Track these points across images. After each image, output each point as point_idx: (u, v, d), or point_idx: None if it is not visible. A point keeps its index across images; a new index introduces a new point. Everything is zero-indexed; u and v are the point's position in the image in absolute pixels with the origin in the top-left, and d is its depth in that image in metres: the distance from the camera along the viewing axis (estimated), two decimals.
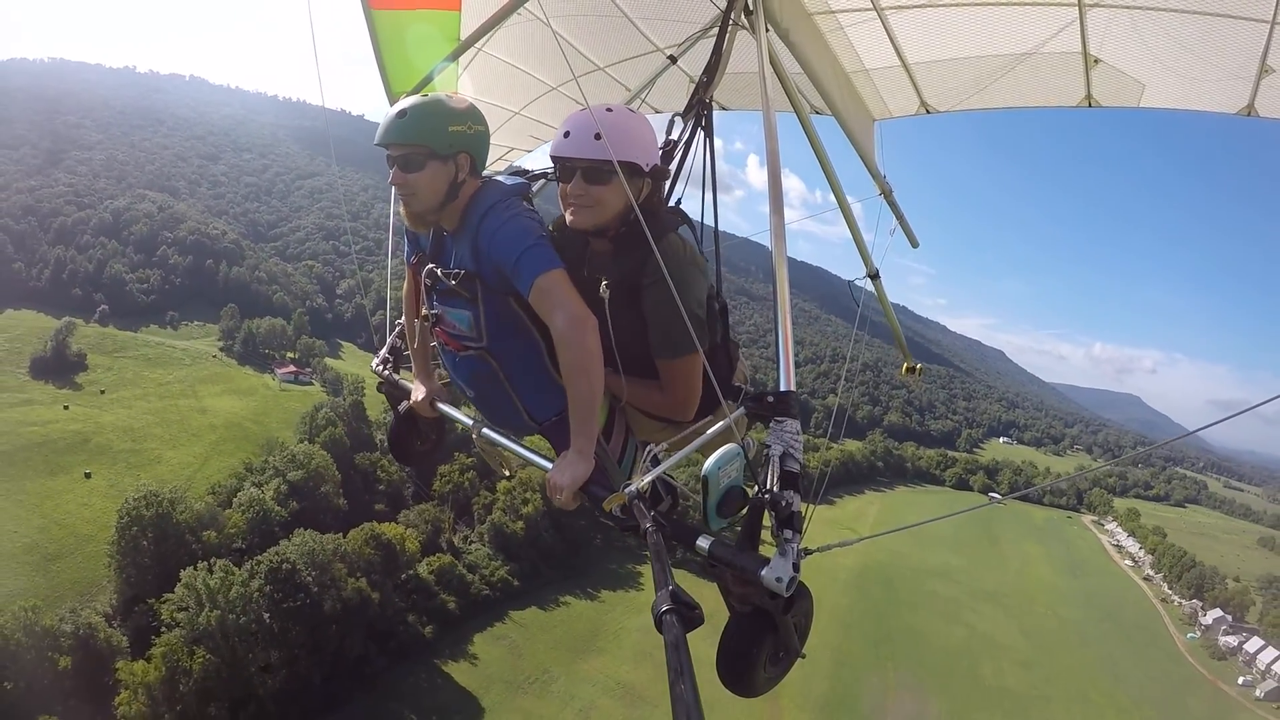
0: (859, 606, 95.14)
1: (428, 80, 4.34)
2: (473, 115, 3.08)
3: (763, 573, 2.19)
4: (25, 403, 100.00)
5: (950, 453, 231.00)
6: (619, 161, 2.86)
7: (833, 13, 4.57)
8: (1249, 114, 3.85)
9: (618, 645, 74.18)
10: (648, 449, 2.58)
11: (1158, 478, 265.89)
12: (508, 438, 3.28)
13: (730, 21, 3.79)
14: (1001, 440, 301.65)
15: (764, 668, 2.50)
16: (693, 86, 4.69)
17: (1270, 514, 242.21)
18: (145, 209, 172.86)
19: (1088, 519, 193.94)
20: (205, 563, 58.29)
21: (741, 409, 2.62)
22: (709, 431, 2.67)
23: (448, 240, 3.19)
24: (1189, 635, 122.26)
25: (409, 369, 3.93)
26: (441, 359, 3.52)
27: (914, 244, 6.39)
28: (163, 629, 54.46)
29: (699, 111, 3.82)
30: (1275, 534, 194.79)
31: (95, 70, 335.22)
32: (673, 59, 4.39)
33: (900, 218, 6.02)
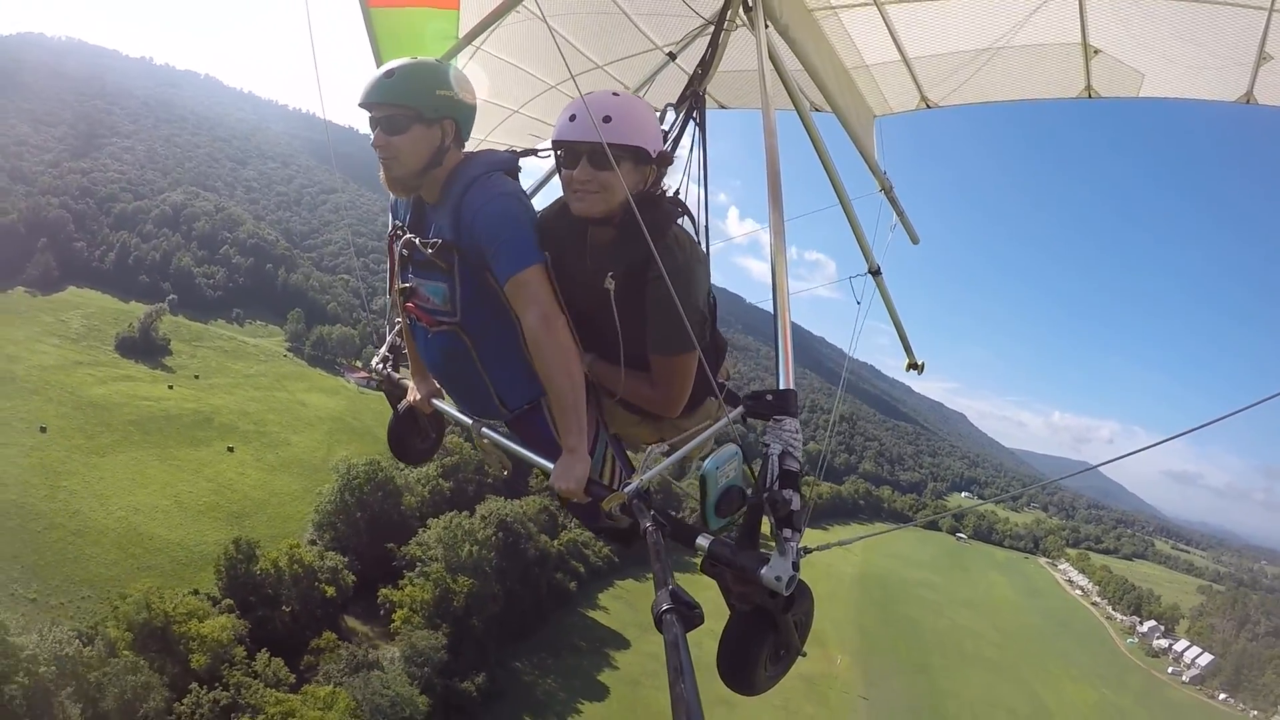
0: (865, 599, 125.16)
1: None
2: (461, 83, 3.16)
3: (762, 571, 2.28)
4: (126, 378, 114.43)
5: (920, 497, 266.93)
6: (627, 146, 2.96)
7: (832, 8, 4.83)
8: (1247, 101, 4.00)
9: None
10: (648, 449, 2.70)
11: (1108, 534, 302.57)
12: (508, 438, 3.40)
13: (728, 18, 3.98)
14: (963, 494, 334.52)
15: (765, 666, 2.61)
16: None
17: (1211, 570, 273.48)
18: (203, 207, 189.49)
19: (1042, 560, 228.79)
20: (451, 513, 77.85)
21: (741, 408, 2.68)
22: (707, 431, 2.82)
23: (428, 211, 3.26)
24: (1129, 640, 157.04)
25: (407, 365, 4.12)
26: (414, 340, 3.61)
27: (914, 240, 6.63)
28: (417, 563, 73.32)
29: (691, 104, 4.01)
30: (1213, 585, 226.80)
31: (113, 57, 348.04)
32: (671, 56, 4.53)
33: (901, 214, 6.26)
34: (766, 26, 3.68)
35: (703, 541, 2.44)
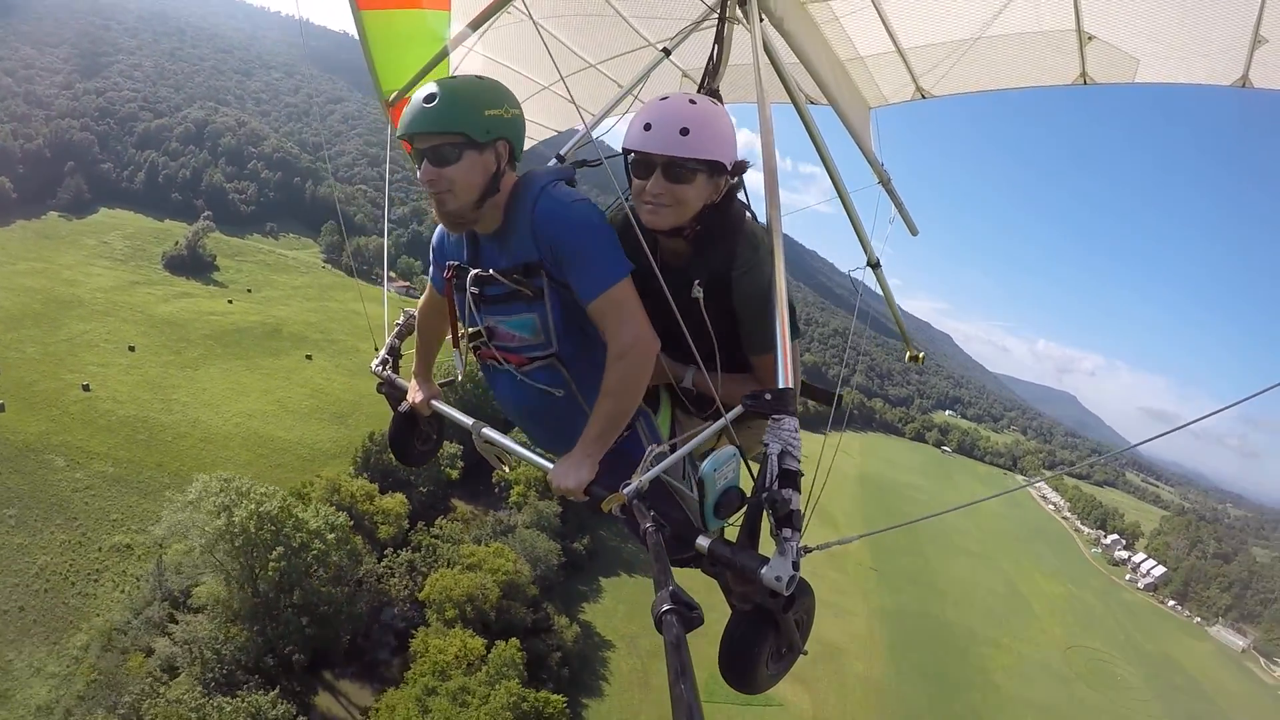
0: (865, 494, 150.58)
1: (417, 79, 4.78)
2: (509, 98, 3.01)
3: (762, 571, 2.33)
4: (185, 295, 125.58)
5: (908, 411, 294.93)
6: (705, 159, 2.99)
7: (825, 0, 4.90)
8: (1243, 85, 4.08)
9: None
10: (649, 449, 2.72)
11: (1082, 460, 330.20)
12: (507, 436, 3.47)
13: (726, 13, 4.04)
14: (947, 413, 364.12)
15: (766, 665, 2.71)
16: (684, 80, 5.52)
17: (1177, 505, 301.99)
18: (225, 122, 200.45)
19: (1020, 478, 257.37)
20: None
21: (739, 408, 2.70)
22: (707, 431, 2.84)
23: (486, 245, 3.14)
24: (1093, 550, 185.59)
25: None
26: (493, 387, 3.52)
27: (913, 232, 6.78)
28: (503, 470, 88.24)
29: None
30: (1177, 517, 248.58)
31: None
32: (666, 52, 4.57)
33: (899, 206, 6.37)
34: (761, 20, 3.73)
35: (703, 542, 2.51)
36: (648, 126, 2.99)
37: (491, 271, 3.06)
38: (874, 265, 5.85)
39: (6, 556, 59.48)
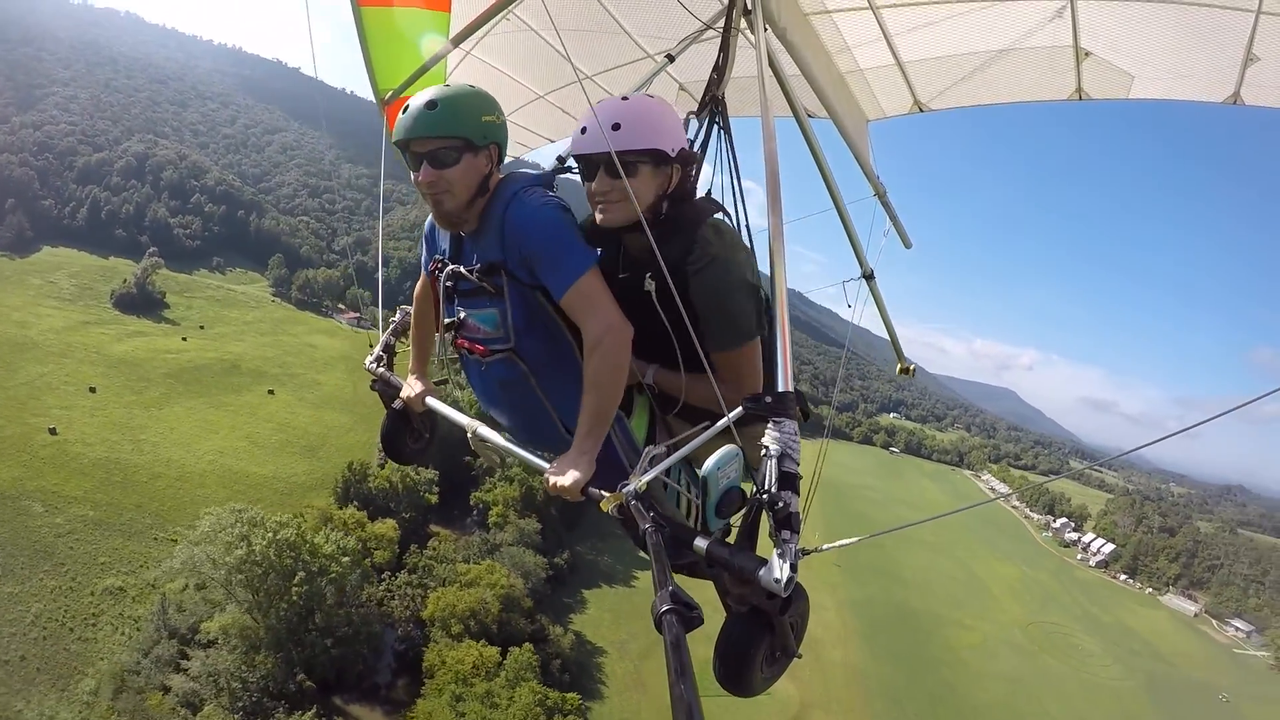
0: (821, 496, 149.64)
1: (413, 79, 4.81)
2: (498, 106, 3.22)
3: (760, 573, 2.33)
4: (138, 334, 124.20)
5: (854, 416, 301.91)
6: (642, 150, 3.07)
7: (828, 13, 5.02)
8: (1235, 102, 4.19)
9: None
10: (646, 451, 2.72)
11: (1026, 452, 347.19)
12: (503, 436, 3.46)
13: (732, 23, 4.03)
14: (892, 415, 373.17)
15: (761, 668, 2.69)
16: (680, 93, 5.57)
17: (1122, 488, 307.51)
18: (166, 155, 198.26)
19: (967, 472, 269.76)
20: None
21: (740, 409, 2.67)
22: (708, 432, 2.77)
23: (466, 242, 3.31)
24: (1043, 534, 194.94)
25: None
26: (467, 376, 3.62)
27: (907, 245, 6.79)
28: (498, 470, 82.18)
29: (712, 109, 4.08)
30: (1122, 499, 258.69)
31: None
32: (670, 58, 4.61)
33: (894, 219, 6.43)
34: (765, 30, 3.78)
35: (701, 543, 2.50)
36: (584, 130, 3.16)
37: (461, 269, 3.26)
38: (868, 277, 6.06)
39: None
